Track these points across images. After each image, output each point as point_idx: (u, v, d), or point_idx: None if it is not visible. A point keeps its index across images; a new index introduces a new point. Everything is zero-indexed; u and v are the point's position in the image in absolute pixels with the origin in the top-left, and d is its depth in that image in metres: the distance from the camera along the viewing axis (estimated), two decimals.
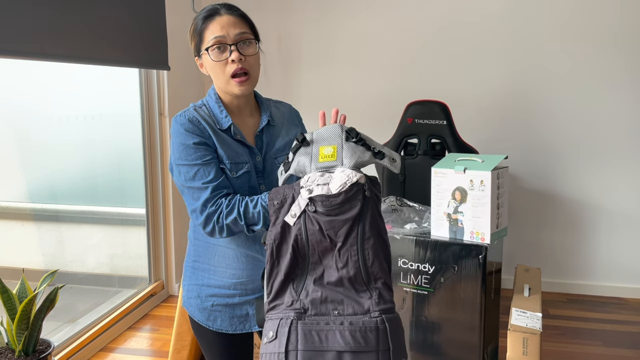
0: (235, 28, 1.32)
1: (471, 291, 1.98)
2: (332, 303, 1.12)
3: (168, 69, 3.11)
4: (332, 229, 1.12)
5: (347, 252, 1.12)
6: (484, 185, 1.88)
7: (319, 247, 1.13)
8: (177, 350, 2.38)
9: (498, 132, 3.48)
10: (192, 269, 1.44)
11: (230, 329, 1.41)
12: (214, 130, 1.34)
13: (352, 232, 1.12)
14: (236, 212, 1.26)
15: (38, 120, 2.83)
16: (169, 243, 3.41)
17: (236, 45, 1.31)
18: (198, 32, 1.35)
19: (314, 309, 1.12)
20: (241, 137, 1.36)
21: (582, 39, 3.32)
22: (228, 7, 1.35)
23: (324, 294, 1.12)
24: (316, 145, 1.19)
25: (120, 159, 3.38)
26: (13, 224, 2.88)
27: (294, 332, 1.09)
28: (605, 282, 3.46)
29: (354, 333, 1.08)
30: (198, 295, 1.42)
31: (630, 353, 2.69)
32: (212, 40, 1.31)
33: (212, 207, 1.28)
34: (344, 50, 3.61)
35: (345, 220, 1.11)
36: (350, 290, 1.13)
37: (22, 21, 2.08)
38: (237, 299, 1.39)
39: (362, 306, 1.11)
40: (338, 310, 1.11)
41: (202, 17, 1.35)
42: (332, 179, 1.13)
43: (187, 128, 1.31)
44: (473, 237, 1.95)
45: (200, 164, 1.29)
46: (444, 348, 2.08)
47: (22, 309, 1.99)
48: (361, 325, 1.09)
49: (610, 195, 3.40)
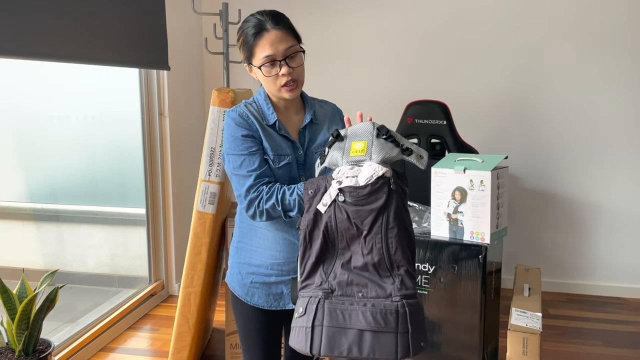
0: (283, 43, 1.41)
1: (471, 291, 1.98)
2: (357, 286, 1.21)
3: (168, 69, 3.11)
4: (358, 218, 1.20)
5: (372, 240, 1.20)
6: (484, 185, 1.88)
7: (347, 234, 1.22)
8: (177, 350, 2.38)
9: (498, 132, 3.48)
10: (237, 249, 1.59)
11: (265, 305, 1.54)
12: (261, 125, 1.47)
13: (377, 222, 1.20)
14: (274, 199, 1.39)
15: (38, 120, 2.83)
16: (169, 243, 3.41)
17: (285, 60, 1.41)
18: (248, 47, 1.44)
19: (340, 290, 1.21)
20: (285, 132, 1.49)
21: (582, 39, 3.31)
22: (274, 20, 1.42)
23: (350, 277, 1.22)
24: (349, 140, 1.30)
25: (120, 159, 3.38)
26: (13, 224, 2.88)
27: (320, 309, 1.19)
28: (605, 282, 3.46)
29: (375, 314, 1.17)
30: (239, 272, 1.56)
31: (630, 353, 2.69)
32: (263, 59, 1.41)
33: (254, 192, 1.42)
34: (344, 50, 3.61)
35: (371, 210, 1.20)
36: (375, 275, 1.21)
37: (23, 21, 2.08)
38: (273, 279, 1.52)
39: (385, 290, 1.20)
40: (362, 292, 1.20)
41: (252, 34, 1.42)
42: (360, 172, 1.22)
43: (237, 122, 1.45)
44: (473, 237, 1.95)
45: (246, 154, 1.43)
46: (444, 348, 2.08)
47: (22, 309, 1.99)
48: (382, 308, 1.17)
49: (610, 195, 3.40)
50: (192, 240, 2.33)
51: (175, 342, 2.37)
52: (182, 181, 3.44)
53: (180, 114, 3.42)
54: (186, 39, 3.51)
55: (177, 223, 3.40)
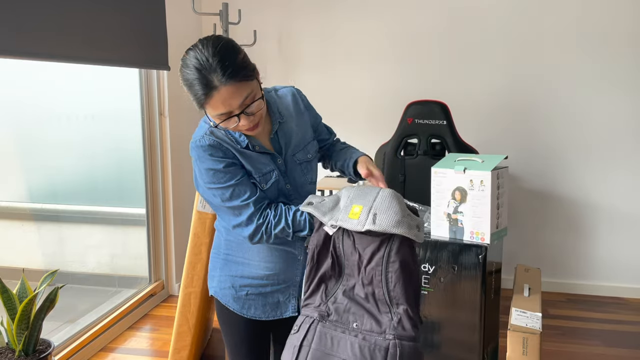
0: (237, 98, 1.21)
1: (471, 291, 1.98)
2: (354, 315, 1.18)
3: (168, 69, 3.11)
4: (361, 245, 1.18)
5: (372, 271, 1.17)
6: (484, 185, 1.88)
7: (350, 260, 1.20)
8: (177, 350, 2.38)
9: (498, 132, 3.48)
10: (225, 261, 1.49)
11: (263, 316, 1.48)
12: (235, 149, 1.34)
13: (379, 252, 1.17)
14: (284, 222, 1.32)
15: (38, 120, 2.82)
16: (169, 243, 3.41)
17: (243, 111, 1.24)
18: (197, 102, 1.23)
19: (336, 316, 1.20)
20: (260, 147, 1.37)
21: (582, 40, 3.31)
22: (222, 71, 1.18)
23: (349, 305, 1.19)
24: (353, 200, 1.22)
25: (120, 159, 3.37)
26: (13, 224, 2.88)
27: (312, 330, 1.19)
28: (605, 282, 3.46)
29: (363, 348, 1.13)
30: (232, 286, 1.47)
31: (630, 353, 2.69)
32: (218, 117, 1.25)
33: (260, 219, 1.32)
34: (344, 50, 3.61)
35: (373, 240, 1.17)
36: (374, 308, 1.18)
37: (23, 21, 2.08)
38: (269, 288, 1.46)
39: (380, 325, 1.16)
40: (357, 323, 1.18)
41: (200, 95, 1.20)
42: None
43: (211, 153, 1.31)
44: (473, 237, 1.95)
45: (233, 184, 1.32)
46: (444, 348, 2.08)
47: (22, 309, 1.99)
48: (372, 343, 1.14)
49: (610, 195, 3.40)
50: (192, 240, 2.32)
51: (175, 342, 2.37)
52: (182, 181, 3.44)
53: (180, 114, 3.42)
54: (186, 39, 3.49)
55: (177, 223, 3.40)
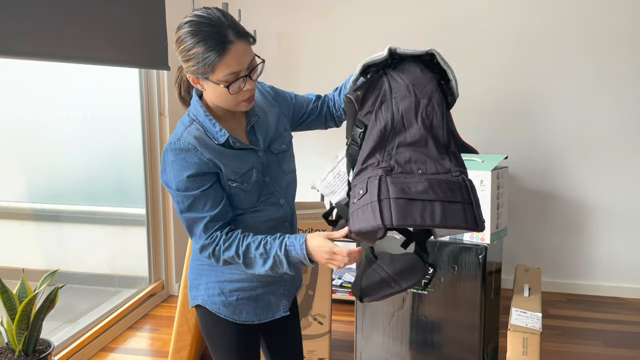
0: (247, 56, 1.23)
1: (471, 291, 1.98)
2: (416, 163, 1.16)
3: (168, 69, 3.11)
4: (418, 85, 1.20)
5: (432, 112, 1.19)
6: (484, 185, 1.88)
7: (403, 104, 1.19)
8: (177, 350, 2.38)
9: (498, 132, 3.48)
10: (209, 268, 1.42)
11: (256, 319, 1.44)
12: (212, 150, 1.28)
13: (437, 92, 1.20)
14: (234, 251, 1.27)
15: (38, 120, 2.83)
16: (169, 243, 3.41)
17: (249, 73, 1.24)
18: (209, 64, 1.20)
19: (399, 168, 1.17)
20: (240, 144, 1.32)
21: (582, 40, 3.31)
22: (235, 28, 1.21)
23: (409, 155, 1.17)
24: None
25: (120, 159, 3.37)
26: (13, 224, 2.88)
27: (384, 183, 1.13)
28: (605, 282, 3.46)
29: (441, 185, 1.13)
30: (221, 292, 1.41)
31: (630, 353, 2.69)
32: (226, 77, 1.22)
33: (207, 239, 1.28)
34: (344, 50, 3.61)
35: (431, 79, 1.21)
36: (433, 151, 1.17)
37: (23, 21, 2.08)
38: (260, 290, 1.42)
39: (444, 166, 1.17)
40: (422, 169, 1.16)
41: (217, 50, 1.19)
42: None
43: (184, 158, 1.26)
44: (473, 237, 1.95)
45: (196, 194, 1.26)
46: (444, 348, 2.08)
47: (22, 309, 1.99)
48: (445, 181, 1.14)
49: (610, 195, 3.40)
50: None
51: (175, 342, 2.37)
52: None
53: (180, 114, 3.39)
54: None
55: (177, 223, 3.40)
